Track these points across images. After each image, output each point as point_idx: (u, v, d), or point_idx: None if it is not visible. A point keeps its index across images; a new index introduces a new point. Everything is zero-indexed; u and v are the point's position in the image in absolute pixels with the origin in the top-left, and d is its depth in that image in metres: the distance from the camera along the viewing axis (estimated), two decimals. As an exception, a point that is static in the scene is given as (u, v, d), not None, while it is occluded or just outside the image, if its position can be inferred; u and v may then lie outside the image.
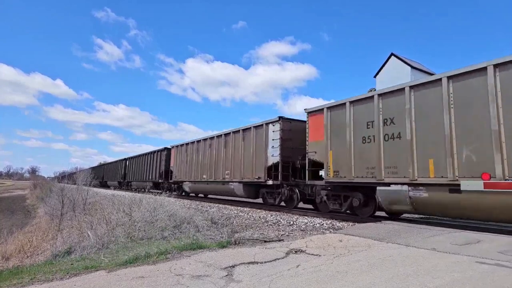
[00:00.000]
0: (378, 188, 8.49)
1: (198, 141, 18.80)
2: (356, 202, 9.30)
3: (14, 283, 4.08)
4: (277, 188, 12.53)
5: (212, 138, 17.25)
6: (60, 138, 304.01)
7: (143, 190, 22.86)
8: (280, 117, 12.38)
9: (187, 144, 20.31)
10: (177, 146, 21.78)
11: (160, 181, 23.66)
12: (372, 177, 8.66)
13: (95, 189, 27.50)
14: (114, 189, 35.46)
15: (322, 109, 10.47)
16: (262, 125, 13.27)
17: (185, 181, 20.06)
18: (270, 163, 12.49)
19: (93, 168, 48.62)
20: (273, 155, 12.33)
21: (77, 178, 24.81)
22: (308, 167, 10.79)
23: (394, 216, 9.50)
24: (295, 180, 12.01)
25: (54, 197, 22.51)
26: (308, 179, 10.88)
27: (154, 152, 25.81)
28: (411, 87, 8.12)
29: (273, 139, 12.47)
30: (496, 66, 6.68)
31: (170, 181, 22.29)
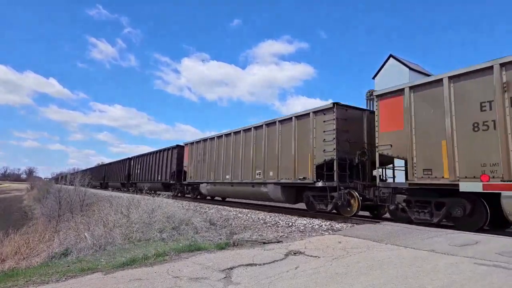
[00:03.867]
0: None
1: (147, 154, 27.47)
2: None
3: (9, 286, 4.04)
4: (173, 185, 21.64)
5: (147, 154, 27.15)
6: (57, 138, 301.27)
7: (116, 189, 34.55)
8: (178, 145, 21.29)
9: (140, 156, 29.30)
10: (136, 157, 30.95)
11: (125, 182, 31.91)
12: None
13: (92, 190, 27.60)
14: (98, 188, 41.04)
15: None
16: (170, 149, 22.31)
17: (138, 182, 28.40)
18: (172, 170, 21.24)
19: (85, 170, 53.89)
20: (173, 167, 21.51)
21: (74, 180, 24.82)
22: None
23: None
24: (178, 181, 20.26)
25: (51, 199, 22.43)
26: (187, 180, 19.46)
27: (122, 160, 34.59)
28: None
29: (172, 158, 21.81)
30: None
31: (131, 181, 30.50)
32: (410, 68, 22.05)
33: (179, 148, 21.12)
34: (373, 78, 25.22)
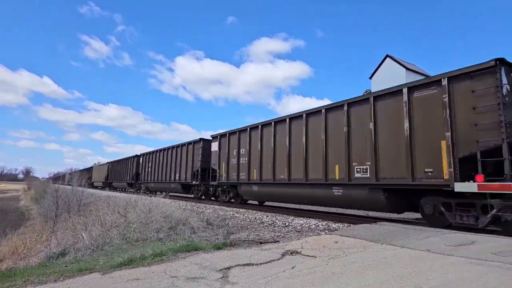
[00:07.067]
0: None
1: (121, 159, 34.49)
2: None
3: (7, 286, 4.04)
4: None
5: (118, 160, 35.63)
6: (53, 138, 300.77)
7: (101, 187, 43.04)
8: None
9: (115, 161, 37.46)
10: (112, 162, 39.27)
11: (105, 181, 40.46)
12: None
13: (90, 190, 27.49)
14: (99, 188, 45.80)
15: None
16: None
17: (114, 182, 37.28)
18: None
19: (83, 170, 59.16)
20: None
21: (71, 180, 24.76)
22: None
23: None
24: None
25: (49, 198, 22.35)
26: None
27: (103, 163, 43.74)
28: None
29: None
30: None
31: (108, 181, 39.46)
32: (407, 68, 22.14)
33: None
34: (370, 77, 25.29)
